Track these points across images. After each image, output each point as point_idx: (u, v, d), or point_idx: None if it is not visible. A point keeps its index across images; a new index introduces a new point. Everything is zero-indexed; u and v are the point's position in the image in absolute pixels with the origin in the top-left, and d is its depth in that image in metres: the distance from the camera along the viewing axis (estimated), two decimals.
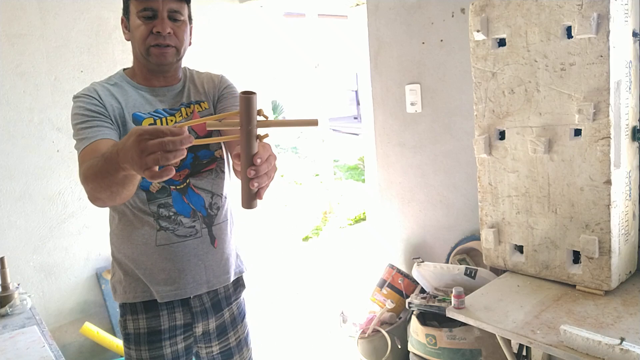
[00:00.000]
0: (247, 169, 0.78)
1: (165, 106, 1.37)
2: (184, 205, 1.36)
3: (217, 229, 1.41)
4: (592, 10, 1.44)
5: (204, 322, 1.42)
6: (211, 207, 1.40)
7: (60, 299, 2.70)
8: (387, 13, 2.51)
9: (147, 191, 1.33)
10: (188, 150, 1.23)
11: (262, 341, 2.98)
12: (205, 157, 1.38)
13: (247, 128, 0.77)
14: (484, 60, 1.77)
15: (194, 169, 1.36)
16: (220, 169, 1.41)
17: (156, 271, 1.36)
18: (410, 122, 2.53)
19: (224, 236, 1.43)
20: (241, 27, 3.34)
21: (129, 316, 1.40)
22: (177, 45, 1.32)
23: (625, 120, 1.55)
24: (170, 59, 1.32)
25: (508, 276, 1.83)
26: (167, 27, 1.28)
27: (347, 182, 7.54)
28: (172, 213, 1.35)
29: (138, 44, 1.31)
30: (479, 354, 2.01)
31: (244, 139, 0.77)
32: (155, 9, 1.27)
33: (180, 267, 1.36)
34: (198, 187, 1.37)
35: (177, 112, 1.37)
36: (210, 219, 1.40)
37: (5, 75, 2.48)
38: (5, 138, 2.50)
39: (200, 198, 1.38)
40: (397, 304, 2.52)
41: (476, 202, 1.93)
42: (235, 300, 1.50)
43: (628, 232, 1.63)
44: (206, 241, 1.39)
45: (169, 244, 1.35)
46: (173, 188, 1.35)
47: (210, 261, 1.40)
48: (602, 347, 1.22)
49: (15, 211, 2.55)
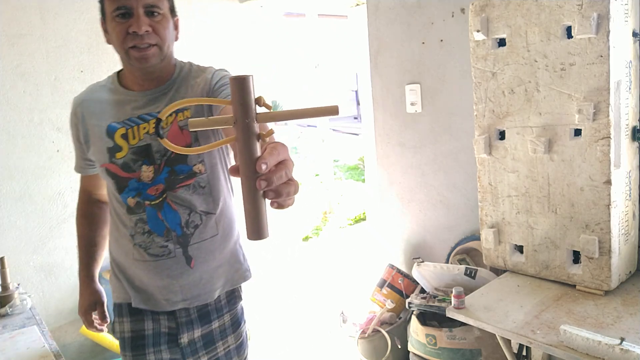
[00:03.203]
0: (249, 180, 0.56)
1: (144, 111, 1.25)
2: (158, 223, 1.27)
3: (195, 248, 1.29)
4: (592, 10, 1.44)
5: (189, 333, 1.35)
6: (187, 225, 1.28)
7: (60, 299, 2.70)
8: (387, 13, 2.51)
9: (127, 205, 1.28)
10: (164, 164, 1.23)
11: (262, 341, 2.98)
12: (182, 171, 1.26)
13: (243, 123, 0.56)
14: (484, 60, 1.77)
15: (169, 184, 1.25)
16: (200, 184, 1.28)
17: (133, 278, 1.34)
18: (410, 122, 2.52)
19: (205, 255, 1.31)
20: (241, 27, 3.34)
21: (116, 318, 1.38)
22: (159, 42, 1.20)
23: (625, 120, 1.55)
24: (154, 60, 1.20)
25: (508, 276, 1.82)
26: (143, 25, 1.16)
27: (347, 182, 7.54)
28: (146, 230, 1.28)
29: (117, 47, 1.21)
30: (479, 354, 2.01)
31: (241, 139, 0.56)
32: (128, 6, 1.15)
33: (154, 284, 1.31)
34: (176, 202, 1.26)
35: (152, 119, 1.24)
36: (185, 239, 1.28)
37: (5, 75, 2.48)
38: (5, 138, 2.50)
39: (176, 215, 1.27)
40: (397, 304, 2.52)
41: (476, 202, 1.93)
42: (229, 312, 1.41)
43: (628, 232, 1.63)
44: (180, 262, 1.29)
45: (142, 261, 1.30)
46: (148, 204, 1.26)
47: (186, 281, 1.30)
48: (602, 347, 1.22)
49: (15, 211, 2.55)
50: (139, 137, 1.24)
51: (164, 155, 1.24)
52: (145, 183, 1.25)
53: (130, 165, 1.24)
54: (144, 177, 1.25)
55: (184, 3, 3.01)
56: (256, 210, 0.57)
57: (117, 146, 1.25)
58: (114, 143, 1.25)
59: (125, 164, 1.25)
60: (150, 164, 1.24)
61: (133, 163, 1.24)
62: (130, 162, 1.24)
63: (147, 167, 1.24)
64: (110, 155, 1.25)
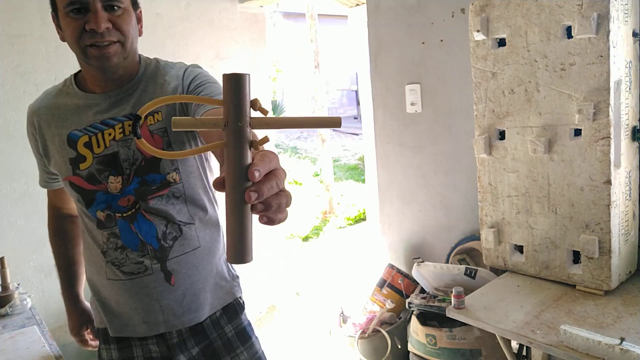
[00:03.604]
0: (236, 192, 0.48)
1: (108, 115, 1.12)
2: (132, 236, 1.14)
3: (175, 262, 1.16)
4: (592, 10, 1.44)
5: (186, 352, 1.21)
6: (165, 237, 1.14)
7: (60, 299, 2.69)
8: (387, 13, 2.51)
9: (97, 219, 1.16)
10: (134, 174, 1.11)
11: (262, 341, 2.98)
12: (154, 181, 1.12)
13: (235, 126, 0.49)
14: (484, 60, 1.77)
15: (140, 195, 1.12)
16: (174, 194, 1.14)
17: (109, 300, 1.21)
18: (410, 122, 2.52)
19: (187, 270, 1.17)
20: (241, 27, 3.34)
21: (101, 345, 1.27)
22: (121, 39, 1.06)
23: (625, 120, 1.55)
24: (116, 59, 1.06)
25: (508, 276, 1.82)
26: (102, 21, 1.01)
27: (347, 182, 7.54)
28: (119, 245, 1.15)
29: (72, 46, 1.07)
30: (479, 354, 2.01)
31: (231, 145, 0.49)
32: (84, 0, 1.01)
33: (131, 305, 1.17)
34: (150, 212, 1.13)
35: (118, 124, 1.11)
36: (163, 253, 1.15)
37: (5, 75, 2.48)
38: (5, 138, 2.50)
39: (152, 227, 1.13)
40: (397, 304, 2.52)
41: (476, 202, 1.93)
42: (229, 323, 1.27)
43: (628, 232, 1.63)
44: (159, 279, 1.15)
45: (116, 280, 1.17)
46: (119, 216, 1.13)
47: (168, 300, 1.16)
48: (602, 347, 1.22)
49: (15, 211, 2.55)
50: (105, 145, 1.11)
51: (132, 164, 1.11)
52: (114, 194, 1.12)
53: (96, 176, 1.12)
54: (111, 189, 1.12)
55: (184, 4, 3.01)
56: (242, 228, 0.49)
57: (80, 156, 1.12)
58: (76, 153, 1.13)
59: (91, 175, 1.12)
60: (118, 175, 1.11)
61: (99, 174, 1.12)
62: (95, 173, 1.12)
63: (115, 178, 1.12)
64: (74, 166, 1.13)
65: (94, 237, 1.18)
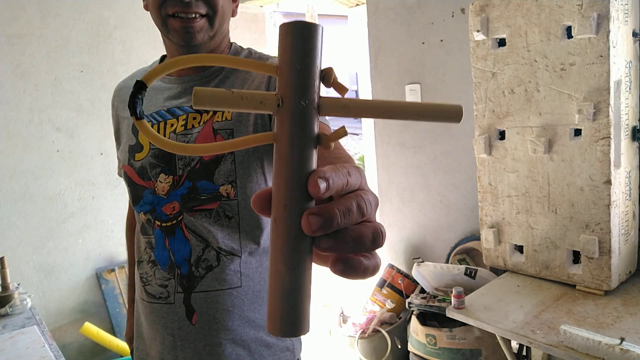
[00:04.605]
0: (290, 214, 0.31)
1: (177, 103, 0.97)
2: (164, 253, 0.96)
3: (201, 298, 0.93)
4: (592, 10, 1.44)
5: None
6: (198, 263, 0.93)
7: (60, 299, 2.70)
8: (387, 13, 2.51)
9: (141, 221, 1.02)
10: (186, 176, 0.92)
11: None
12: (205, 190, 0.92)
13: (295, 107, 0.31)
14: (484, 60, 1.77)
15: (185, 203, 0.93)
16: (225, 213, 0.93)
17: (140, 320, 1.05)
18: (410, 122, 2.52)
19: (216, 312, 0.93)
20: (241, 27, 3.34)
21: None
22: (210, 13, 0.90)
23: (625, 120, 1.55)
24: (200, 37, 0.90)
25: (508, 276, 1.82)
26: None
27: None
28: (151, 259, 0.98)
29: (153, 15, 0.92)
30: (479, 354, 2.01)
31: (286, 137, 0.31)
32: None
33: (149, 333, 1.00)
34: (190, 230, 0.94)
35: (183, 114, 0.95)
36: (190, 282, 0.93)
37: (5, 75, 2.48)
38: (5, 138, 2.50)
39: (187, 246, 0.94)
40: (397, 304, 2.52)
41: (476, 202, 1.93)
42: None
43: (628, 232, 1.63)
44: (179, 311, 0.94)
45: (141, 299, 1.02)
46: (158, 225, 0.96)
47: (185, 341, 0.94)
48: (602, 347, 1.22)
49: (15, 211, 2.55)
50: (164, 137, 0.96)
51: (187, 164, 0.93)
52: (160, 197, 0.96)
53: (147, 171, 0.97)
54: (159, 189, 0.96)
55: None
56: (293, 278, 0.30)
57: (138, 145, 0.99)
58: (136, 140, 0.99)
59: (142, 168, 0.97)
60: (170, 174, 0.94)
61: (151, 169, 0.96)
62: (148, 167, 0.97)
63: (165, 177, 0.95)
64: (130, 155, 1.00)
65: (139, 241, 1.03)
